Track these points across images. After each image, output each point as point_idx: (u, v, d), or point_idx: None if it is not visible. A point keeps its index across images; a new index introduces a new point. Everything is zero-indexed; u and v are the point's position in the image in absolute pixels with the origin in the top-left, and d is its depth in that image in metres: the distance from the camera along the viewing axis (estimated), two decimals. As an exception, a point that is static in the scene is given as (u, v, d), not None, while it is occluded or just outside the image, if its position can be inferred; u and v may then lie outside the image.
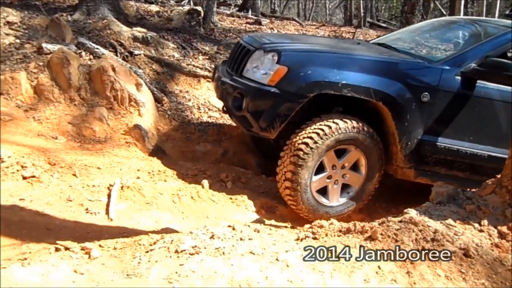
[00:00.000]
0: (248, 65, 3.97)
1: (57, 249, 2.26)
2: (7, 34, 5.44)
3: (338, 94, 3.65)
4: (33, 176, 3.48)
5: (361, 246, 2.29)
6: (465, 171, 4.05)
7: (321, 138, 3.61)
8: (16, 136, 4.05)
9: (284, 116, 3.70)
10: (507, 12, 5.48)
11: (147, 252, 2.29)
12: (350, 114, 3.83)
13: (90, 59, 5.36)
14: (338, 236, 2.44)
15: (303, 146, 3.61)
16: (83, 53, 5.43)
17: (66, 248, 2.27)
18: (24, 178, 3.45)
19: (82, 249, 2.29)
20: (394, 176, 4.13)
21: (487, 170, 3.88)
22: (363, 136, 3.73)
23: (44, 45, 5.17)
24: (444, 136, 3.92)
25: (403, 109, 3.73)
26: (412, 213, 2.57)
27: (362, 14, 16.01)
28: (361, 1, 16.07)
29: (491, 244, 2.41)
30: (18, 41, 5.34)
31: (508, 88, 3.84)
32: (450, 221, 2.54)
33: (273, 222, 3.74)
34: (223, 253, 2.19)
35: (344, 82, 3.63)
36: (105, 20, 6.53)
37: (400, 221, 2.49)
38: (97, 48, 5.59)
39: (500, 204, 2.64)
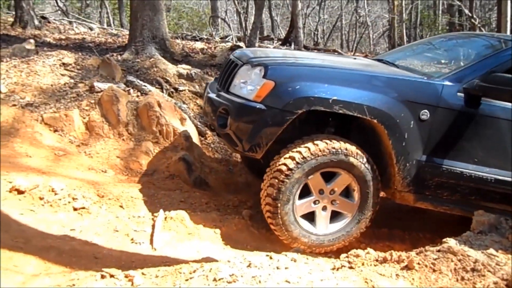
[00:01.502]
0: (235, 80, 3.76)
1: (102, 276, 2.39)
2: (62, 75, 5.84)
3: (329, 111, 3.41)
4: (83, 208, 3.67)
5: (397, 275, 2.28)
6: (469, 196, 3.73)
7: (303, 159, 3.39)
8: (69, 169, 4.29)
9: (271, 135, 3.44)
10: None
11: (186, 280, 2.37)
12: (344, 135, 3.63)
13: (137, 96, 5.64)
14: (375, 265, 2.44)
15: (283, 168, 3.40)
16: (131, 91, 5.71)
17: (111, 276, 2.40)
18: (75, 209, 3.64)
19: (126, 276, 2.40)
20: (393, 200, 3.85)
21: (494, 195, 3.69)
22: (352, 159, 3.49)
23: (95, 84, 5.51)
24: (446, 157, 3.63)
25: (400, 128, 3.46)
26: (451, 242, 2.54)
27: (406, 43, 15.94)
28: (404, 30, 16.03)
29: (536, 275, 2.33)
30: (72, 81, 5.72)
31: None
32: (491, 250, 2.49)
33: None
34: (259, 281, 2.23)
35: (335, 98, 3.37)
36: (152, 59, 6.86)
37: (439, 251, 2.47)
38: (144, 85, 5.87)
39: (545, 233, 2.56)
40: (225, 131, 3.59)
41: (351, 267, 2.43)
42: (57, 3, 16.27)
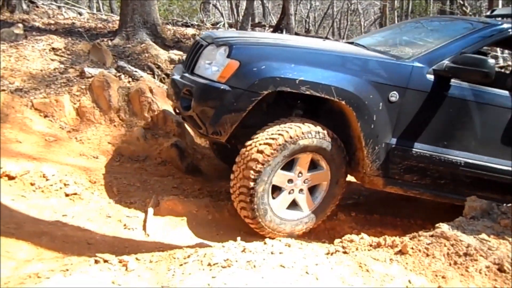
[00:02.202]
0: (200, 61, 3.64)
1: (96, 261, 2.38)
2: (52, 60, 5.76)
3: (296, 92, 3.29)
4: (75, 194, 3.65)
5: (391, 260, 2.30)
6: (439, 180, 3.66)
7: (281, 145, 3.27)
8: (60, 155, 4.26)
9: (235, 117, 3.31)
10: (488, 13, 5.16)
11: (181, 265, 2.37)
12: (313, 117, 3.55)
13: (129, 82, 5.59)
14: (369, 250, 2.45)
15: (258, 156, 3.26)
16: (123, 76, 5.66)
17: (105, 261, 2.38)
18: (67, 195, 3.62)
19: (120, 261, 2.39)
20: (362, 184, 3.79)
21: (464, 179, 3.66)
22: (326, 143, 3.41)
23: (86, 69, 5.44)
24: (416, 140, 3.56)
25: (368, 110, 3.37)
26: (444, 227, 2.55)
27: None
28: (396, 18, 16.02)
29: (527, 259, 2.36)
30: (62, 66, 5.64)
31: (483, 87, 3.57)
32: (484, 235, 2.50)
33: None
34: (254, 266, 2.24)
35: (302, 78, 3.25)
36: (143, 44, 6.79)
37: (432, 236, 2.48)
38: (135, 71, 5.81)
39: (536, 219, 2.59)
40: (188, 113, 3.48)
41: (345, 252, 2.44)
42: (45, -13, 15.99)
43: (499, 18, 4.42)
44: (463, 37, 3.65)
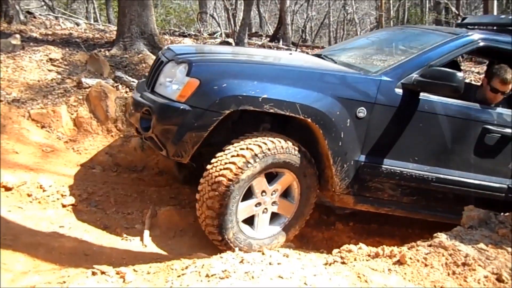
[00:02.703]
0: (161, 78, 3.50)
1: (93, 273, 2.37)
2: (49, 70, 5.76)
3: (259, 110, 3.18)
4: (72, 205, 3.65)
5: (389, 270, 2.29)
6: (411, 196, 3.59)
7: (248, 162, 3.13)
8: (57, 166, 4.25)
9: (197, 137, 3.18)
10: (458, 21, 5.04)
11: (179, 276, 2.36)
12: (280, 132, 3.43)
13: (126, 92, 5.59)
14: (367, 260, 2.45)
15: (226, 172, 3.12)
16: (120, 86, 5.66)
17: (102, 272, 2.37)
18: (64, 206, 3.62)
19: (117, 273, 2.38)
20: (332, 203, 3.69)
21: (435, 194, 3.60)
22: (295, 157, 3.30)
23: (83, 79, 5.44)
24: (385, 157, 3.46)
25: (335, 127, 3.25)
26: (442, 237, 2.56)
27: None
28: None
29: (525, 268, 2.36)
30: (59, 76, 5.64)
31: (453, 101, 3.49)
32: (482, 245, 2.51)
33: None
34: (252, 277, 2.23)
35: (265, 96, 3.13)
36: (141, 55, 6.80)
37: (430, 245, 2.48)
38: (133, 81, 5.82)
39: (534, 228, 2.59)
40: (148, 134, 3.36)
41: (343, 262, 2.43)
42: (42, -2, 16.07)
43: (470, 27, 4.37)
44: (432, 49, 3.56)
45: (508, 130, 3.59)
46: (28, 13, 9.99)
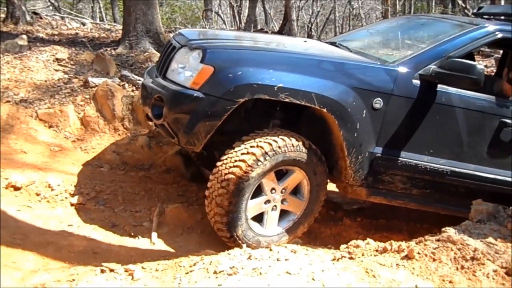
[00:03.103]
0: (173, 65, 3.41)
1: (102, 271, 2.38)
2: (56, 70, 5.79)
3: (274, 99, 3.11)
4: (81, 203, 3.66)
5: (397, 265, 2.29)
6: (424, 189, 3.53)
7: (258, 160, 3.10)
8: (65, 165, 4.27)
9: (210, 126, 3.11)
10: (475, 10, 4.88)
11: (187, 273, 2.37)
12: (292, 125, 3.38)
13: (132, 91, 5.60)
14: (375, 255, 2.44)
15: (236, 170, 3.09)
16: (126, 85, 5.67)
17: (111, 270, 2.39)
18: (72, 205, 3.63)
19: (126, 270, 2.39)
20: (345, 194, 3.66)
21: (449, 187, 3.54)
22: (305, 155, 3.25)
23: (90, 79, 5.47)
24: (401, 149, 3.40)
25: (351, 118, 3.19)
26: (450, 231, 2.54)
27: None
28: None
29: (535, 262, 2.35)
30: (66, 76, 5.67)
31: (470, 93, 3.41)
32: (490, 239, 2.50)
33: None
34: (260, 273, 2.23)
35: (280, 85, 3.06)
36: (147, 53, 6.82)
37: (438, 240, 2.47)
38: (139, 80, 5.83)
39: (543, 221, 2.57)
40: (160, 122, 3.28)
41: (351, 258, 2.43)
42: (48, -2, 16.15)
43: (486, 17, 4.30)
44: (450, 40, 3.49)
45: None
46: (34, 14, 10.03)
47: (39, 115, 4.89)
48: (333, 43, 4.26)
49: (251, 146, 3.14)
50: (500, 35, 3.54)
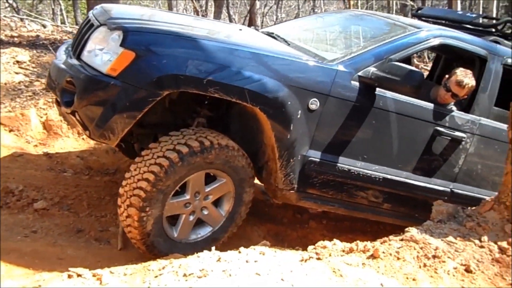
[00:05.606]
0: (89, 45, 2.99)
1: (69, 276, 2.34)
2: (16, 73, 5.64)
3: (202, 93, 2.86)
4: (44, 209, 3.58)
5: (363, 264, 2.35)
6: (355, 196, 3.43)
7: (193, 153, 2.85)
8: (27, 170, 4.16)
9: (128, 119, 2.77)
10: (414, 12, 4.88)
11: (156, 277, 2.36)
12: (220, 122, 3.21)
13: (97, 94, 5.51)
14: (342, 255, 2.50)
15: (170, 157, 2.81)
16: (90, 89, 5.57)
17: (78, 275, 2.35)
18: (35, 210, 3.55)
19: (94, 275, 2.36)
20: (273, 198, 3.48)
21: (381, 195, 3.49)
22: (241, 165, 3.08)
23: (52, 82, 5.35)
24: (334, 153, 3.25)
25: (285, 118, 2.98)
26: (413, 231, 2.63)
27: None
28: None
29: (492, 259, 2.47)
30: (27, 79, 5.54)
31: (408, 99, 3.32)
32: (451, 238, 2.60)
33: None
34: (230, 275, 2.25)
35: (210, 78, 2.78)
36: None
37: (402, 240, 2.56)
38: (103, 84, 5.75)
39: (499, 220, 2.70)
40: (71, 110, 2.86)
41: (319, 258, 2.48)
42: (7, -1, 15.69)
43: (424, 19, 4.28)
44: (392, 42, 3.36)
45: (458, 134, 3.53)
46: (-8, 15, 9.74)
47: (-1, 118, 4.75)
48: (270, 34, 3.94)
49: (168, 149, 2.87)
50: (442, 40, 3.51)
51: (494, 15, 10.27)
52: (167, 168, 2.81)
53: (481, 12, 11.89)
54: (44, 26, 10.72)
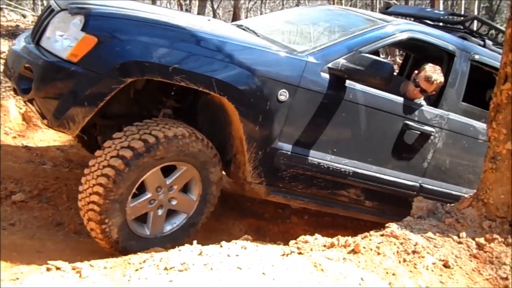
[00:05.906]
0: (49, 30, 2.89)
1: (48, 269, 2.31)
2: (-5, 63, 5.53)
3: (168, 81, 2.78)
4: (23, 201, 3.53)
5: (344, 259, 2.38)
6: (325, 189, 3.39)
7: (138, 155, 2.70)
8: (5, 162, 4.08)
9: (89, 108, 2.66)
10: (383, 9, 4.94)
11: (136, 270, 2.34)
12: (186, 112, 3.14)
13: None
14: (323, 250, 2.52)
15: (115, 165, 2.68)
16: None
17: (57, 268, 2.32)
18: (14, 203, 3.49)
19: (73, 268, 2.33)
20: (242, 191, 3.40)
21: (351, 189, 3.47)
22: (197, 150, 2.92)
23: (32, 73, 5.26)
24: (304, 146, 3.21)
25: (254, 109, 2.94)
26: (393, 227, 2.67)
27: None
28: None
29: (470, 255, 2.52)
30: (6, 69, 5.42)
31: (377, 92, 3.31)
32: (430, 234, 2.64)
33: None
34: (211, 269, 2.24)
35: (176, 66, 2.71)
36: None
37: (382, 235, 2.59)
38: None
39: (477, 217, 2.75)
40: (29, 97, 2.75)
41: (300, 253, 2.49)
42: (-15, -12, 15.35)
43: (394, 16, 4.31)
44: (362, 34, 3.37)
45: (427, 128, 3.54)
46: (-30, 3, 9.53)
47: (-24, 109, 4.66)
48: (239, 26, 3.94)
49: (122, 147, 2.73)
50: (410, 34, 3.53)
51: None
52: (114, 177, 2.69)
53: (463, 13, 12.08)
54: (24, 16, 10.53)
